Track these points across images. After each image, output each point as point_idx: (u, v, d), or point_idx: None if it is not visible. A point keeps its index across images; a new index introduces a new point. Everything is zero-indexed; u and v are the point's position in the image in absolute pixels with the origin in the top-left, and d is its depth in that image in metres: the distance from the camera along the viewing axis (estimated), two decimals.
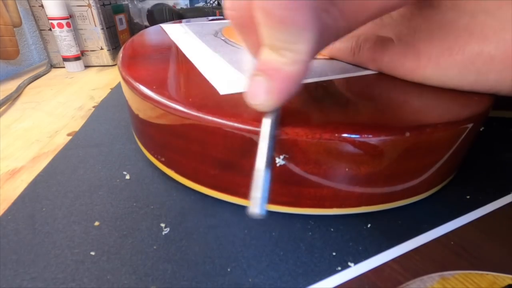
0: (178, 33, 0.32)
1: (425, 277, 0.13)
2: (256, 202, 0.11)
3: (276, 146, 0.13)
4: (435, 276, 0.13)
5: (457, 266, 0.13)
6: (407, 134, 0.14)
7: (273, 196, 0.16)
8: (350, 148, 0.14)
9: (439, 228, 0.15)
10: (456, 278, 0.13)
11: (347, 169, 0.14)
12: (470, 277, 0.13)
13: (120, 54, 0.23)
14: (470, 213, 0.16)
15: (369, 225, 0.16)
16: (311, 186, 0.15)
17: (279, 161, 0.14)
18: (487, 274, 0.13)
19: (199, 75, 0.19)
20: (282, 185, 0.15)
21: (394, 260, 0.14)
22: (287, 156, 0.14)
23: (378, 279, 0.13)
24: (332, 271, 0.13)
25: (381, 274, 0.13)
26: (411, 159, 0.15)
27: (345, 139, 0.13)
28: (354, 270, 0.13)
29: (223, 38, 0.29)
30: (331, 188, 0.15)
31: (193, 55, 0.23)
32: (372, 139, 0.13)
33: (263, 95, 0.12)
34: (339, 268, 0.13)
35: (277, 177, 0.15)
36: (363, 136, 0.13)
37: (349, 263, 0.14)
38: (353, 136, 0.13)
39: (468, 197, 0.18)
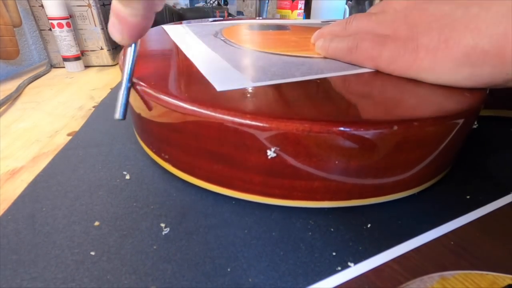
0: (179, 33, 0.32)
1: (425, 277, 0.13)
2: (118, 110, 0.16)
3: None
4: (435, 276, 0.13)
5: (457, 266, 0.13)
6: (395, 127, 0.14)
7: (266, 188, 0.16)
8: (339, 141, 0.14)
9: (439, 228, 0.15)
10: (456, 278, 0.13)
11: (337, 162, 0.14)
12: (470, 277, 0.13)
13: (122, 54, 0.23)
14: (470, 213, 0.16)
15: (369, 225, 0.16)
16: (302, 179, 0.15)
17: (271, 153, 0.14)
18: (487, 274, 0.13)
19: (197, 73, 0.19)
20: (274, 178, 0.15)
21: (394, 260, 0.14)
22: (278, 148, 0.14)
23: (378, 279, 0.13)
24: (332, 271, 0.13)
25: (381, 274, 0.13)
26: (401, 153, 0.15)
27: (334, 132, 0.13)
28: (354, 270, 0.13)
29: (222, 38, 0.29)
30: (322, 180, 0.15)
31: (192, 54, 0.23)
32: (361, 132, 0.14)
33: (118, 34, 0.15)
34: (339, 268, 0.13)
35: (269, 169, 0.15)
36: (352, 129, 0.13)
37: (349, 263, 0.14)
38: (342, 129, 0.13)
39: (468, 197, 0.18)
